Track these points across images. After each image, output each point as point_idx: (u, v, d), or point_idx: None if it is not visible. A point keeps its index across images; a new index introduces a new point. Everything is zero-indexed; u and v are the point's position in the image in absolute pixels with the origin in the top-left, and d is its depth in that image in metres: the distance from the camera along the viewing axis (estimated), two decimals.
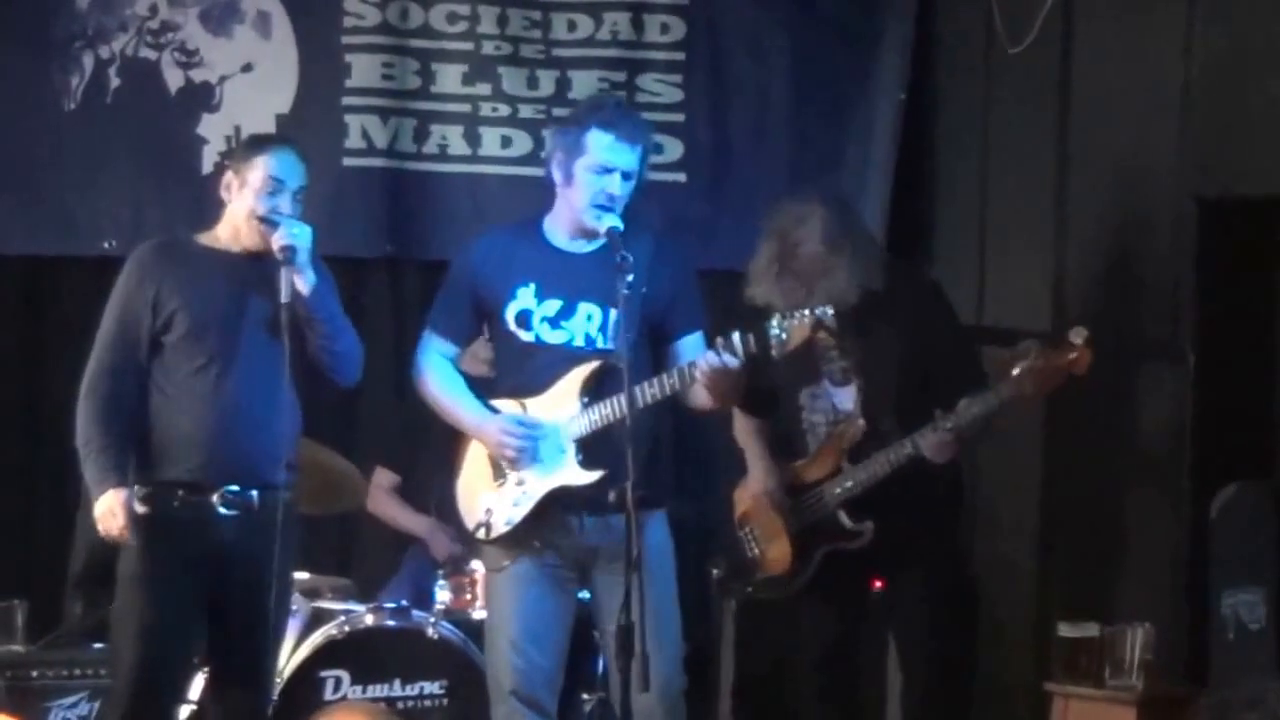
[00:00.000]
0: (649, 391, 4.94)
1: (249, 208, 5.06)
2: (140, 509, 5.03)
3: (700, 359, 4.89)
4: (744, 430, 5.79)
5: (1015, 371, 5.19)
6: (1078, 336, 5.17)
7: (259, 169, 5.06)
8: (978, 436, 5.44)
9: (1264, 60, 5.41)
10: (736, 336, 4.84)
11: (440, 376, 5.25)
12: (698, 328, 5.19)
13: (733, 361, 4.84)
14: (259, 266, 5.07)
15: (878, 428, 5.46)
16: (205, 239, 5.19)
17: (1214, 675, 5.27)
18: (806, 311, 4.79)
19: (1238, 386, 5.59)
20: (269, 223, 5.02)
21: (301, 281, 5.00)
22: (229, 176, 5.13)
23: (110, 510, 5.01)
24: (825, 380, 5.61)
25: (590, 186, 5.04)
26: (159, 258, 5.15)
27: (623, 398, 4.84)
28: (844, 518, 5.50)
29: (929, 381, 5.39)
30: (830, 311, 4.80)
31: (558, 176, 5.12)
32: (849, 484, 5.46)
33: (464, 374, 5.29)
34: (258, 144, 5.20)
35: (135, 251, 5.23)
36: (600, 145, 5.04)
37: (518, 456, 5.09)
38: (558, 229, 5.17)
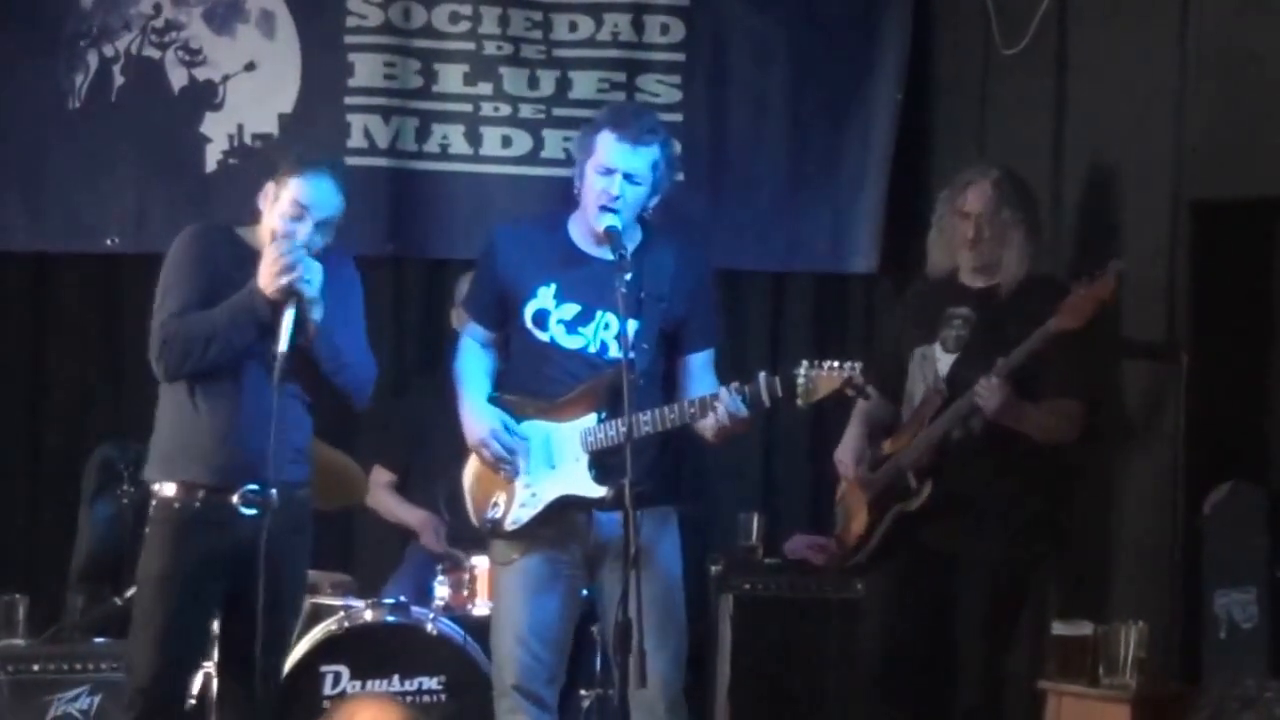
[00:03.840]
0: (668, 418, 4.98)
1: (272, 226, 5.03)
2: (169, 491, 5.03)
3: (717, 403, 4.94)
4: (858, 408, 5.95)
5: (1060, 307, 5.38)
6: (1112, 268, 5.37)
7: (291, 190, 5.01)
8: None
9: (1258, 61, 5.42)
10: (762, 378, 4.91)
11: (463, 360, 5.32)
12: (711, 345, 5.24)
13: (743, 411, 4.92)
14: None
15: (958, 397, 5.56)
16: (247, 235, 5.12)
17: (1207, 674, 5.27)
18: (837, 364, 4.88)
19: (1231, 387, 5.60)
20: (290, 270, 4.92)
21: (309, 323, 4.96)
22: (270, 186, 5.07)
23: (274, 267, 4.91)
24: (938, 344, 5.72)
25: (595, 186, 5.08)
26: (215, 244, 5.11)
27: (640, 415, 4.90)
28: (910, 478, 5.61)
29: (1028, 378, 5.50)
30: (859, 366, 4.88)
31: (576, 179, 5.17)
32: (919, 446, 5.59)
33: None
34: (299, 165, 5.07)
35: (193, 231, 5.15)
36: (605, 146, 5.07)
37: (494, 463, 5.14)
38: (580, 231, 5.20)
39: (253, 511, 4.99)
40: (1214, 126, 5.54)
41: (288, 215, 5.00)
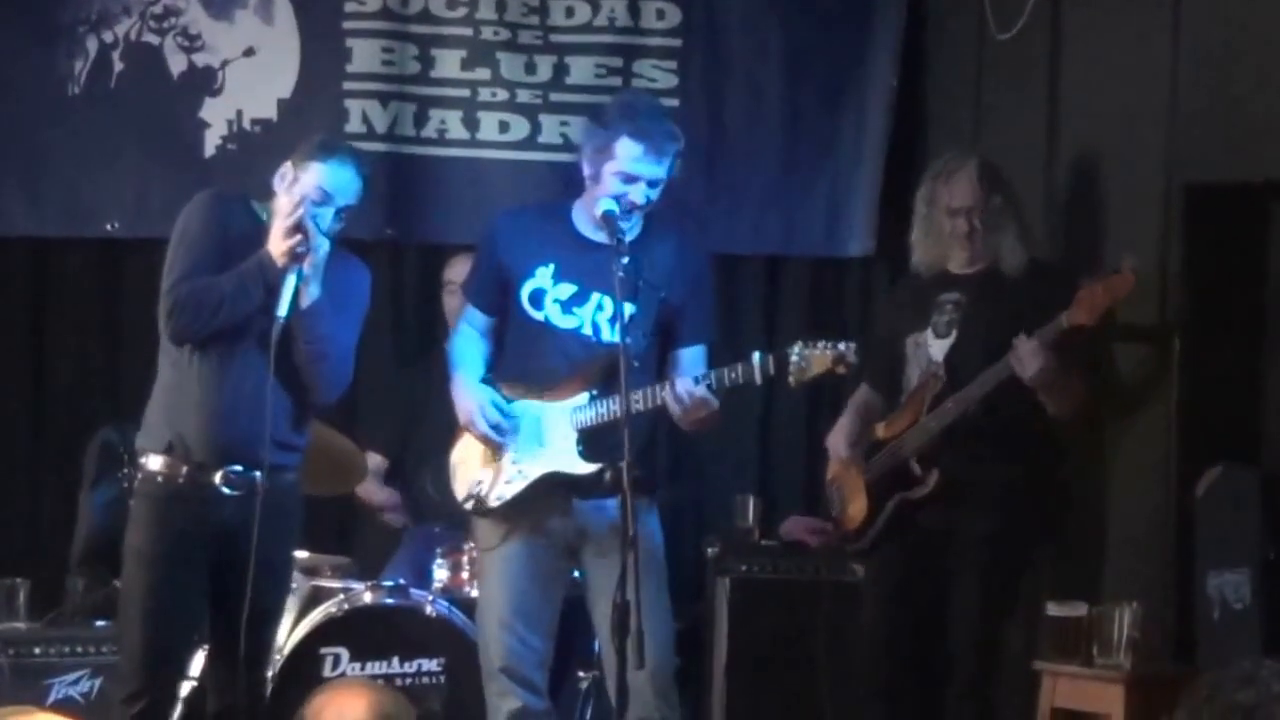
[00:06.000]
0: (656, 396, 4.99)
1: (300, 203, 5.03)
2: (154, 465, 5.07)
3: (682, 385, 4.95)
4: (852, 399, 6.03)
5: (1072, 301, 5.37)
6: (1126, 263, 5.36)
7: (313, 174, 5.03)
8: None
9: (1252, 45, 5.42)
10: (756, 357, 4.90)
11: (458, 345, 5.35)
12: (702, 341, 5.24)
13: (703, 394, 4.93)
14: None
15: (958, 381, 5.58)
16: (260, 209, 5.14)
17: (1200, 654, 5.29)
18: (830, 344, 4.88)
19: (1223, 370, 5.61)
20: (298, 230, 4.97)
21: (304, 294, 5.00)
22: (287, 167, 5.09)
23: (283, 229, 4.97)
24: (929, 330, 5.74)
25: (612, 189, 5.09)
26: (229, 211, 5.13)
27: (630, 396, 4.89)
28: (914, 466, 5.63)
29: None
30: (853, 346, 4.89)
31: (587, 170, 5.17)
32: (923, 433, 5.59)
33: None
34: (323, 149, 5.10)
35: (208, 196, 5.19)
36: (629, 155, 5.07)
37: (484, 438, 5.16)
38: (584, 217, 5.22)
39: (235, 493, 5.02)
40: (1207, 110, 5.55)
41: (311, 199, 5.01)
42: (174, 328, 5.03)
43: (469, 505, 5.25)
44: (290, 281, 4.96)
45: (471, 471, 5.25)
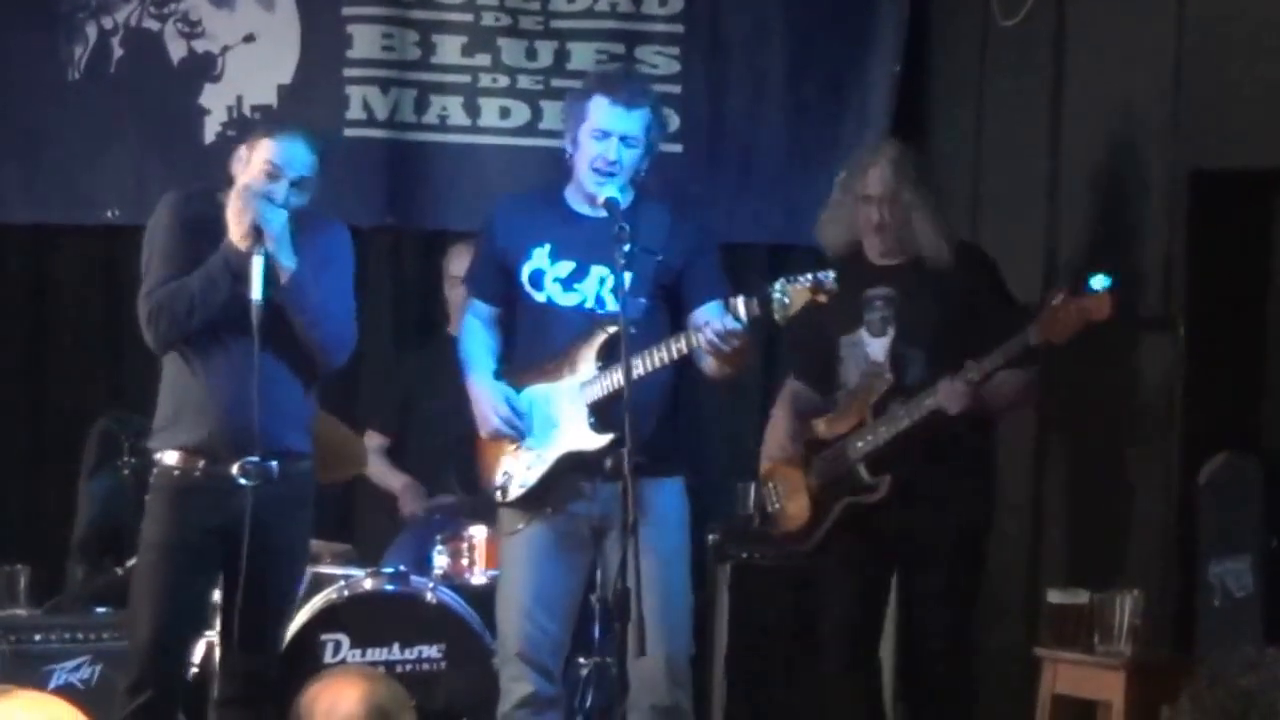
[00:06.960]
0: (657, 355, 4.98)
1: (244, 184, 5.04)
2: (170, 460, 5.08)
3: (703, 323, 4.93)
4: (784, 393, 5.95)
5: (1040, 316, 5.29)
6: (1098, 283, 5.27)
7: (263, 150, 5.05)
8: (1005, 403, 5.57)
9: (1256, 32, 5.43)
10: (740, 300, 4.90)
11: (465, 342, 5.37)
12: (716, 297, 5.19)
13: (733, 324, 4.88)
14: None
15: (904, 382, 5.53)
16: (224, 198, 5.12)
17: (1201, 642, 5.31)
18: (809, 275, 4.85)
19: (1227, 357, 5.62)
20: (246, 208, 4.97)
21: (279, 271, 4.99)
22: (242, 150, 5.11)
23: (235, 213, 4.97)
24: (864, 330, 5.67)
25: (590, 151, 5.12)
26: (194, 209, 5.13)
27: (636, 362, 4.89)
28: (863, 472, 5.56)
29: (966, 347, 5.42)
30: (832, 275, 4.85)
31: (568, 145, 5.22)
32: (870, 438, 5.53)
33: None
34: (271, 128, 5.15)
35: (169, 199, 5.21)
36: (599, 110, 5.12)
37: (496, 431, 5.16)
38: (576, 196, 5.25)
39: (252, 483, 5.01)
40: (1212, 97, 5.56)
41: (260, 175, 5.02)
42: (153, 336, 5.07)
43: (497, 496, 5.27)
44: (258, 263, 4.95)
45: (497, 462, 5.28)
